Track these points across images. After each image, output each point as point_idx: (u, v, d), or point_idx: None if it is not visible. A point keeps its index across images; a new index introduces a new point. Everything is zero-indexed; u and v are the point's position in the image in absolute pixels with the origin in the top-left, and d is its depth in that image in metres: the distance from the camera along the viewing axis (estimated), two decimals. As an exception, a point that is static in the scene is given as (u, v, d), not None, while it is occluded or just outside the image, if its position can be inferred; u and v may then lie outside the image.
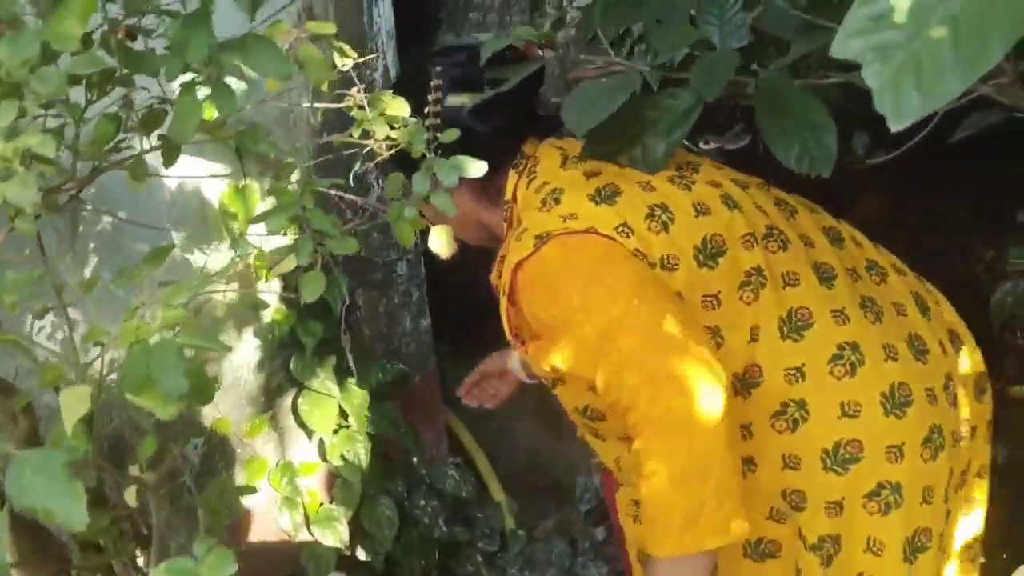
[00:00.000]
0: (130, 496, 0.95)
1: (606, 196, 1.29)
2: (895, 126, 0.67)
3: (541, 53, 1.37)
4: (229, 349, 1.65)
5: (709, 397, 1.13)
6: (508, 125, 1.38)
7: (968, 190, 2.05)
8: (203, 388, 0.80)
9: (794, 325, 1.29)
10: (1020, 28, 0.65)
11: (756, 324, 1.29)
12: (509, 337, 1.38)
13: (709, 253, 1.27)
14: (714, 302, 1.27)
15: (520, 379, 1.85)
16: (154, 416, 0.80)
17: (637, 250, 1.24)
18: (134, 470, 0.96)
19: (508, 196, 1.41)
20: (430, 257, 1.43)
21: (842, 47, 0.69)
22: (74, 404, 0.77)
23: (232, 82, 1.56)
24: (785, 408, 1.28)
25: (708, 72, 1.27)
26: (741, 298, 1.28)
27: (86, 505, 1.08)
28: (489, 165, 1.20)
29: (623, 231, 1.25)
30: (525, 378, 1.82)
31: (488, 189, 1.40)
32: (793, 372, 1.28)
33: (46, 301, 1.06)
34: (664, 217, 1.27)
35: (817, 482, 1.28)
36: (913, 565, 1.28)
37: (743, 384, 1.29)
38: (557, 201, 1.31)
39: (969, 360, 1.42)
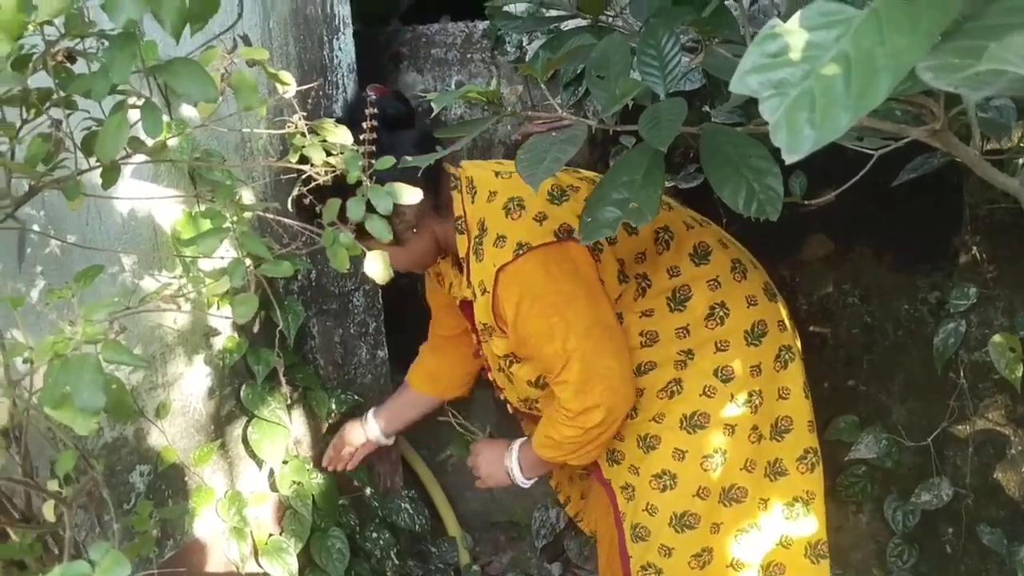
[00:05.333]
0: (48, 511, 0.95)
1: (557, 196, 1.69)
2: (789, 158, 0.70)
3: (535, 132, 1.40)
4: (146, 364, 1.64)
5: (624, 385, 1.65)
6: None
7: (913, 232, 2.10)
8: (121, 404, 0.80)
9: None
10: (906, 66, 0.69)
11: (673, 264, 1.75)
12: (480, 326, 1.75)
13: (633, 228, 1.67)
14: (641, 257, 1.74)
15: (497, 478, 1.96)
16: (76, 433, 0.81)
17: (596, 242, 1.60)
18: (53, 485, 0.96)
19: (459, 212, 1.71)
20: (388, 288, 1.55)
21: (740, 83, 0.72)
22: (-10, 417, 0.77)
23: (186, 109, 1.58)
24: (712, 310, 1.73)
25: (655, 122, 1.30)
26: (657, 251, 1.75)
27: (15, 519, 1.08)
28: (430, 187, 1.60)
29: None
30: (523, 482, 1.92)
31: (438, 205, 1.71)
32: (711, 282, 1.74)
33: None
34: None
35: (745, 353, 1.72)
36: (808, 400, 1.80)
37: (676, 301, 1.74)
38: (521, 207, 1.66)
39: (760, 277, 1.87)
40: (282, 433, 1.99)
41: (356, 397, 2.23)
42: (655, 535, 1.73)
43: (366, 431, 2.15)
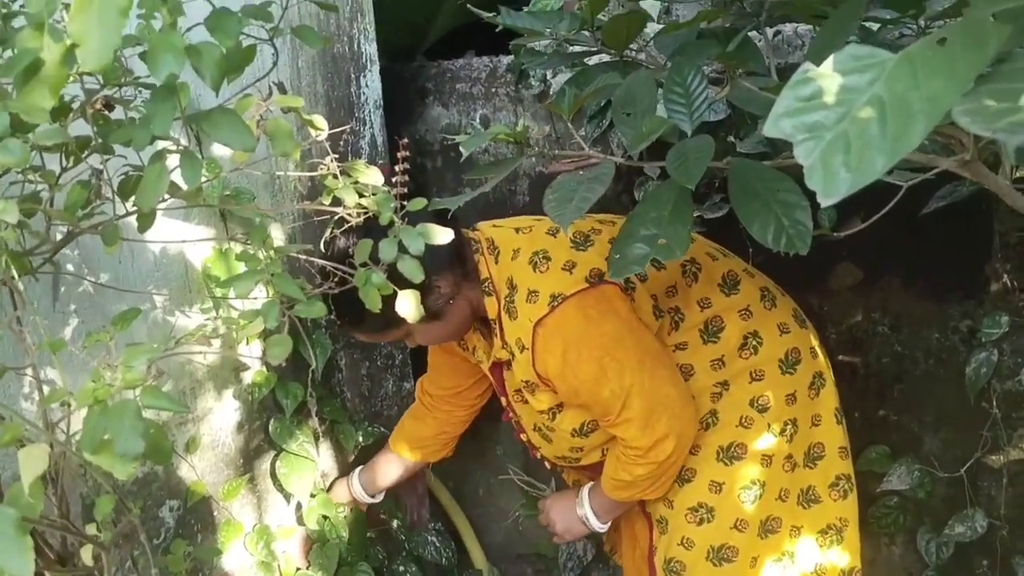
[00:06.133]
0: (86, 555, 0.95)
1: (581, 243, 1.69)
2: (825, 201, 0.70)
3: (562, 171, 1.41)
4: (187, 410, 1.66)
5: (686, 409, 1.64)
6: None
7: (943, 260, 2.08)
8: (160, 449, 0.81)
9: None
10: (942, 110, 0.69)
11: (703, 296, 1.74)
12: (518, 386, 1.77)
13: (660, 263, 1.69)
14: (672, 290, 1.74)
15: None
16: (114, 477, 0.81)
17: (627, 278, 1.64)
18: (91, 529, 0.96)
19: (484, 275, 1.71)
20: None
21: (773, 127, 0.72)
22: (32, 462, 0.78)
23: (217, 148, 1.60)
24: (746, 340, 1.72)
25: (683, 159, 1.30)
26: (686, 284, 1.75)
27: (52, 561, 1.08)
28: (458, 254, 1.66)
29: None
30: (600, 528, 1.87)
31: (467, 272, 1.71)
32: (743, 312, 1.74)
33: (21, 361, 1.08)
34: None
35: (779, 382, 1.72)
36: (841, 424, 1.81)
37: (709, 333, 1.74)
38: (548, 258, 1.66)
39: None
40: (310, 467, 2.00)
41: (383, 429, 2.23)
42: (691, 569, 1.72)
43: (351, 489, 2.14)
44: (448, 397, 2.07)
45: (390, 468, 2.15)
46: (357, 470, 2.16)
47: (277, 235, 1.84)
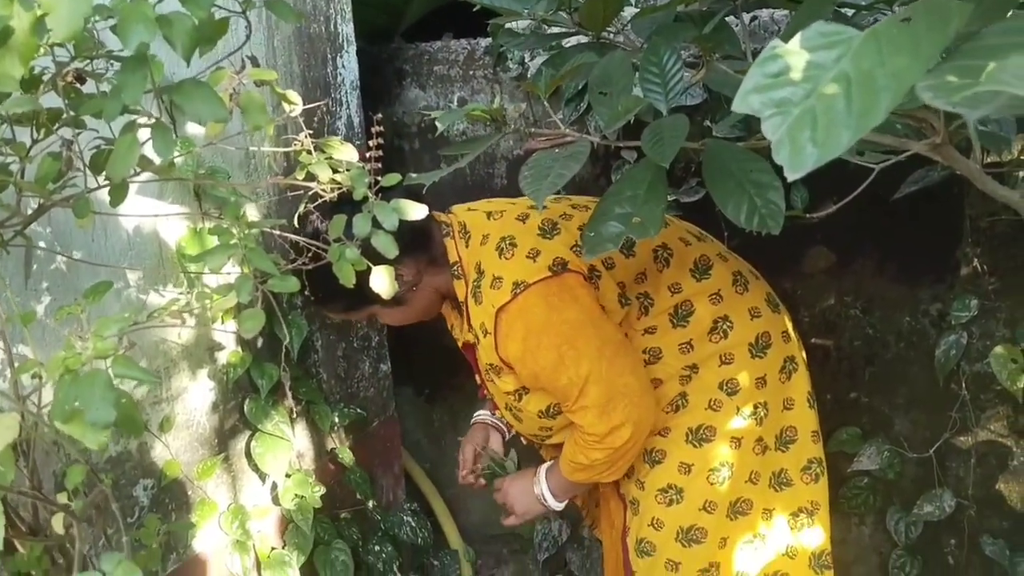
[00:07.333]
0: (57, 524, 0.95)
1: (548, 231, 1.70)
2: (792, 176, 0.71)
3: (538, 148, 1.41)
4: (158, 380, 1.65)
5: (644, 397, 1.64)
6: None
7: (915, 244, 2.11)
8: (131, 419, 0.81)
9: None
10: (906, 86, 0.70)
11: (674, 281, 1.75)
12: (485, 368, 1.76)
13: (627, 244, 1.68)
14: (642, 277, 1.75)
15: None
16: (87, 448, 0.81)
17: (592, 266, 1.68)
18: (61, 498, 0.96)
19: (454, 258, 1.74)
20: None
21: (742, 103, 0.73)
22: (2, 431, 0.78)
23: (191, 127, 1.59)
24: (716, 324, 1.74)
25: (658, 138, 1.31)
26: (657, 269, 1.76)
27: (23, 532, 1.08)
28: (423, 243, 1.70)
29: (576, 249, 1.67)
30: (557, 506, 1.86)
31: (434, 257, 1.74)
32: (713, 296, 1.75)
33: (-9, 336, 1.07)
34: None
35: (749, 365, 1.73)
36: (813, 408, 1.81)
37: (678, 317, 1.75)
38: (514, 245, 1.67)
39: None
40: (285, 447, 2.00)
41: (359, 411, 2.24)
42: (661, 550, 1.74)
43: (483, 421, 2.07)
44: None
45: None
46: (478, 414, 2.08)
47: (252, 214, 1.83)
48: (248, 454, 1.99)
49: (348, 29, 2.12)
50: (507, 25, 1.88)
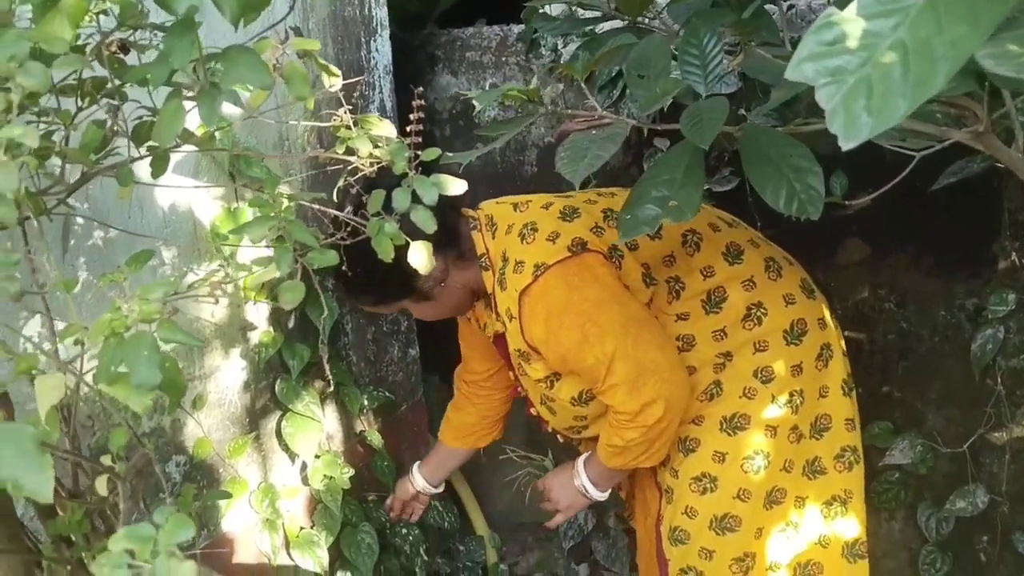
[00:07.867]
0: (101, 485, 0.96)
1: (568, 215, 1.71)
2: (846, 145, 0.70)
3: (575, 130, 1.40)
4: (201, 343, 1.67)
5: (674, 373, 1.62)
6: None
7: (951, 238, 2.08)
8: (175, 382, 0.81)
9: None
10: (964, 55, 0.69)
11: (706, 264, 1.74)
12: (515, 356, 1.77)
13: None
14: (670, 259, 1.74)
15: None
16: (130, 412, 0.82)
17: (614, 246, 1.68)
18: (106, 460, 0.97)
19: (481, 250, 1.76)
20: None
21: (796, 71, 0.72)
22: (48, 391, 0.79)
23: (227, 107, 1.60)
24: (750, 311, 1.72)
25: (697, 120, 1.30)
26: (687, 253, 1.74)
27: (63, 496, 1.09)
28: (452, 231, 1.72)
29: (597, 231, 1.69)
30: (600, 496, 1.86)
31: (462, 252, 1.76)
32: (746, 282, 1.73)
33: (30, 300, 1.08)
34: (615, 215, 1.69)
35: (784, 353, 1.71)
36: (848, 396, 1.79)
37: (711, 303, 1.74)
38: (535, 230, 1.68)
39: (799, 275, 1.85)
40: (315, 427, 2.01)
41: (387, 394, 2.24)
42: (695, 538, 1.72)
43: (413, 484, 2.20)
44: (482, 382, 2.09)
45: (446, 459, 2.21)
46: (415, 466, 2.21)
47: (287, 191, 1.84)
48: (279, 434, 2.00)
49: (382, 13, 2.12)
50: (542, 9, 1.87)
